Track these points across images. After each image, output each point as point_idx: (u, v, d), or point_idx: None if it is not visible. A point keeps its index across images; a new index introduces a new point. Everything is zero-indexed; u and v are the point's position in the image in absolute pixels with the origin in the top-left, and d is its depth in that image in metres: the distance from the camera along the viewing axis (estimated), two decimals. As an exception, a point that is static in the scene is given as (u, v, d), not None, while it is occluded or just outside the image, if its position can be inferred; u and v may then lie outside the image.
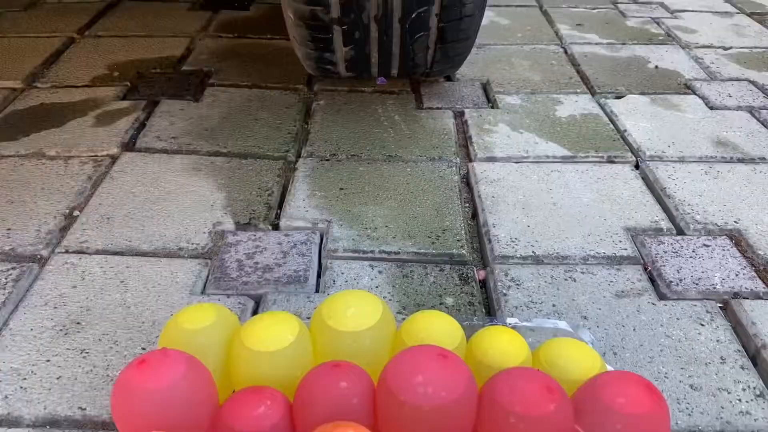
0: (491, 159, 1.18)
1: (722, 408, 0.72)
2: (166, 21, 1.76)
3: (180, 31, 1.69)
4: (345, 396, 0.58)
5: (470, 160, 1.19)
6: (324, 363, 0.62)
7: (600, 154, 1.19)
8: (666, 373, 0.76)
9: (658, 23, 1.83)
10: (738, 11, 1.95)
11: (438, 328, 0.67)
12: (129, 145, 1.19)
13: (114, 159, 1.15)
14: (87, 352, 0.77)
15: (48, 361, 0.76)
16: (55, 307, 0.83)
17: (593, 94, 1.43)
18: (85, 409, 0.70)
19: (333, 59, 1.33)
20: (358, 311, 0.67)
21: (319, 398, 0.58)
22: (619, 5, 1.97)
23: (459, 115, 1.34)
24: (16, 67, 1.46)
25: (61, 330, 0.80)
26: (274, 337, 0.64)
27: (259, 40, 1.66)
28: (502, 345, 0.66)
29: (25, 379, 0.73)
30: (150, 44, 1.61)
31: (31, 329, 0.80)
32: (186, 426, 0.57)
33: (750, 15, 1.92)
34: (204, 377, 0.60)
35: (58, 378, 0.73)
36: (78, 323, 0.81)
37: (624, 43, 1.69)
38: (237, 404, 0.59)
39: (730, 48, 1.68)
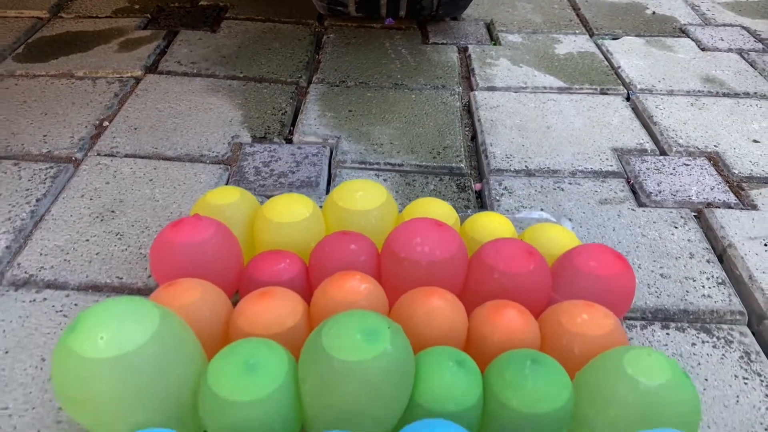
0: (491, 89, 1.26)
1: (687, 292, 0.81)
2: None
3: (196, -30, 1.75)
4: (354, 255, 0.67)
5: (472, 90, 1.27)
6: (335, 232, 0.71)
7: (594, 87, 1.27)
8: (640, 265, 0.85)
9: (659, -27, 1.88)
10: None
11: (436, 210, 0.76)
12: (152, 69, 1.27)
13: (138, 80, 1.23)
14: (121, 235, 0.86)
15: (87, 240, 0.85)
16: (91, 199, 0.92)
17: (591, 35, 1.50)
18: (122, 278, 0.79)
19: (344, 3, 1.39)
20: (365, 194, 0.76)
21: (331, 257, 0.67)
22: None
23: (463, 50, 1.41)
24: (41, -2, 1.53)
25: (97, 217, 0.89)
26: (293, 211, 0.73)
27: (272, -20, 1.72)
28: (492, 225, 0.75)
29: (68, 254, 0.82)
30: (168, -19, 1.67)
31: (71, 215, 0.89)
32: (215, 277, 0.66)
33: (750, -32, 1.96)
34: (231, 239, 0.69)
35: (97, 254, 0.83)
36: (112, 212, 0.90)
37: (624, -9, 1.75)
38: (260, 261, 0.68)
39: (727, -3, 1.73)
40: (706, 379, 0.71)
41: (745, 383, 0.71)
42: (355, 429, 0.52)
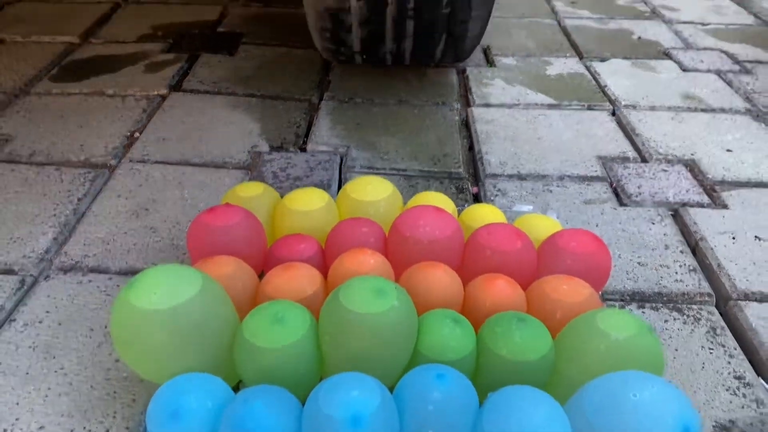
0: (487, 105, 1.37)
1: (661, 278, 0.91)
2: (201, -8, 1.95)
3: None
4: (364, 236, 0.77)
5: (469, 106, 1.38)
6: (348, 218, 0.81)
7: (582, 103, 1.38)
8: (619, 255, 0.95)
9: (645, 2, 2.02)
10: (721, -5, 2.13)
11: (436, 201, 0.86)
12: (176, 87, 1.39)
13: (164, 97, 1.34)
14: (155, 229, 0.96)
15: (125, 233, 0.95)
16: (126, 198, 1.02)
17: (581, 57, 1.61)
18: (157, 264, 0.89)
19: (350, 54, 1.47)
20: (374, 188, 0.86)
21: (345, 238, 0.77)
22: (612, -12, 2.15)
23: (461, 72, 1.53)
24: (71, 26, 1.65)
25: (133, 214, 0.99)
26: (310, 201, 0.83)
27: (285, 10, 1.85)
28: (485, 214, 0.85)
29: (108, 244, 0.92)
30: (188, 10, 1.80)
31: (109, 212, 0.99)
32: (243, 256, 0.76)
33: (732, -2, 2.09)
34: (257, 224, 0.80)
35: (134, 244, 0.93)
36: (146, 209, 1.00)
37: (612, 18, 1.87)
38: (283, 243, 0.78)
39: (709, 24, 1.86)
40: (676, 350, 0.80)
41: (711, 353, 0.80)
42: (367, 372, 0.61)
